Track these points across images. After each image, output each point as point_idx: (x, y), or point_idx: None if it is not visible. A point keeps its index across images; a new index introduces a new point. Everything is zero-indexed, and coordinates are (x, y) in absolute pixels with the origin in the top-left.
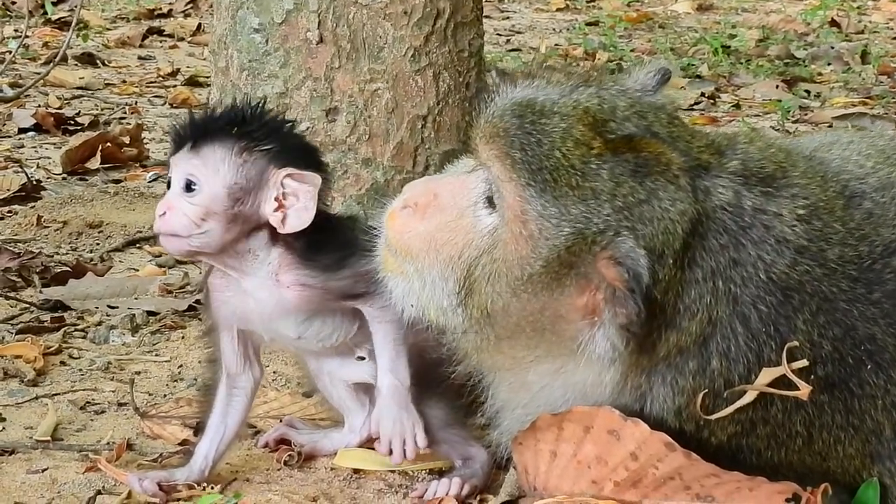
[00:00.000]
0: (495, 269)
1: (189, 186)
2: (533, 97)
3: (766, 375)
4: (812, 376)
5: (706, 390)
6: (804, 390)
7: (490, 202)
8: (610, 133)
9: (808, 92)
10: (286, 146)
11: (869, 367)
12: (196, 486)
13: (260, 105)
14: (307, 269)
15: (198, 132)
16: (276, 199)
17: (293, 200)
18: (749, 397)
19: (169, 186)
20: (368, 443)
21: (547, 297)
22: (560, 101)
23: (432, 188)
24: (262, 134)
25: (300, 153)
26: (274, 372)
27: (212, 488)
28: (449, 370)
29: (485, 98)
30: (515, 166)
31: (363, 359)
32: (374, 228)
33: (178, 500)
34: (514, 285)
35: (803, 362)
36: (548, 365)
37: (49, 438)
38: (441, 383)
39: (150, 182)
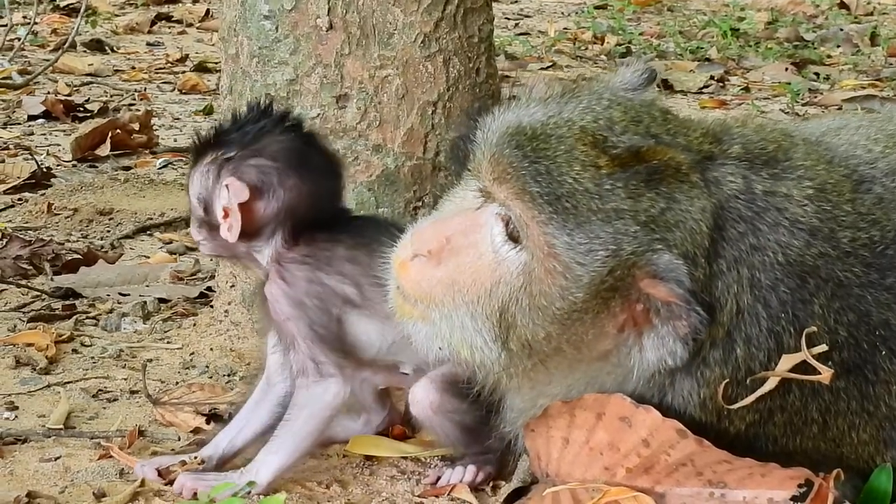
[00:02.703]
0: (535, 303)
1: None
2: (519, 122)
3: (787, 361)
4: (829, 362)
5: (728, 380)
6: (826, 374)
7: (512, 238)
8: (613, 148)
9: (817, 74)
10: (238, 154)
11: (883, 352)
12: (188, 461)
13: (251, 109)
14: (301, 265)
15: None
16: (224, 208)
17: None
18: (771, 384)
19: None
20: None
21: (591, 318)
22: (550, 121)
23: (442, 232)
24: (227, 142)
25: (248, 161)
26: None
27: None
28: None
29: (472, 137)
30: (536, 201)
31: (406, 374)
32: (384, 278)
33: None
34: (558, 315)
35: (823, 347)
36: (574, 376)
37: (62, 426)
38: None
39: (160, 169)
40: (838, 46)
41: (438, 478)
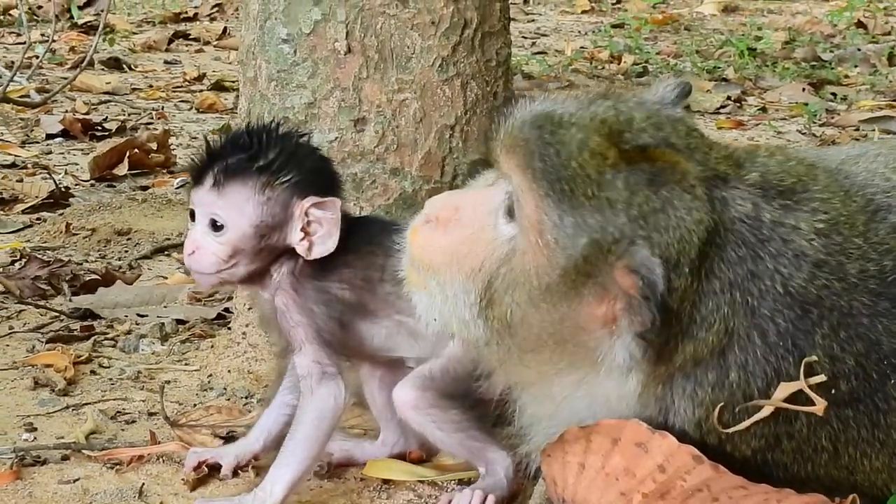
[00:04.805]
0: (514, 278)
1: (215, 225)
2: (551, 110)
3: (784, 390)
4: (834, 391)
5: (724, 403)
6: (820, 406)
7: (510, 213)
8: (625, 143)
9: (834, 95)
10: (306, 173)
11: (893, 381)
12: (234, 475)
13: (274, 129)
14: (309, 277)
15: (219, 169)
16: (303, 228)
17: (317, 227)
18: (766, 412)
19: (192, 218)
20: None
21: (566, 307)
22: (577, 113)
23: (454, 202)
24: (281, 164)
25: (320, 178)
26: None
27: (251, 468)
28: (473, 384)
29: (504, 112)
30: (536, 176)
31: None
32: (399, 244)
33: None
34: (532, 295)
35: (821, 377)
36: (571, 376)
37: (84, 444)
38: (464, 395)
39: (177, 188)
40: (856, 66)
41: (450, 501)
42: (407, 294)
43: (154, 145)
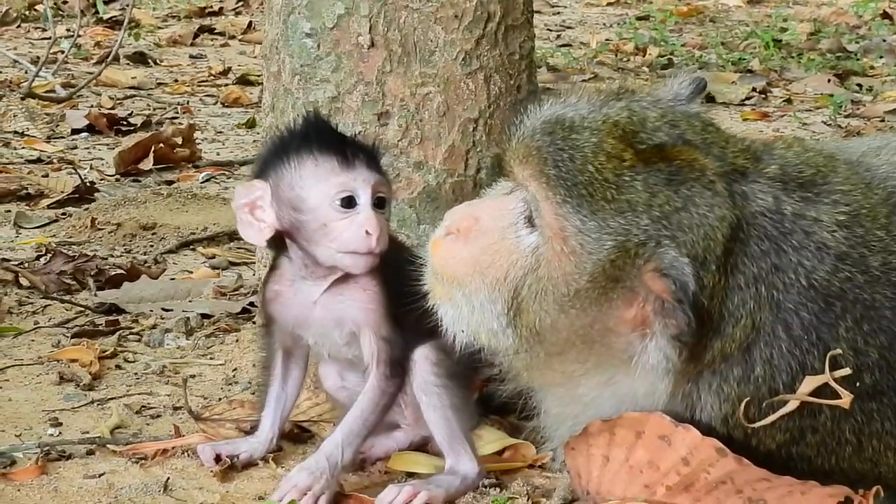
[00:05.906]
0: (541, 287)
1: (381, 203)
2: (562, 114)
3: (809, 384)
4: (858, 384)
5: (749, 398)
6: (846, 399)
7: (530, 221)
8: (641, 144)
9: (860, 86)
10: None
11: None
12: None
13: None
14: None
15: (372, 151)
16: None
17: None
18: (791, 406)
19: (349, 204)
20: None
21: (595, 311)
22: (589, 115)
23: (473, 212)
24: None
25: None
26: None
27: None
28: (477, 378)
29: (514, 121)
30: (550, 183)
31: None
32: (421, 258)
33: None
34: (561, 302)
35: (846, 371)
36: (598, 378)
37: (109, 438)
38: (465, 387)
39: (202, 183)
40: (881, 57)
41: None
42: (432, 306)
43: (179, 140)
